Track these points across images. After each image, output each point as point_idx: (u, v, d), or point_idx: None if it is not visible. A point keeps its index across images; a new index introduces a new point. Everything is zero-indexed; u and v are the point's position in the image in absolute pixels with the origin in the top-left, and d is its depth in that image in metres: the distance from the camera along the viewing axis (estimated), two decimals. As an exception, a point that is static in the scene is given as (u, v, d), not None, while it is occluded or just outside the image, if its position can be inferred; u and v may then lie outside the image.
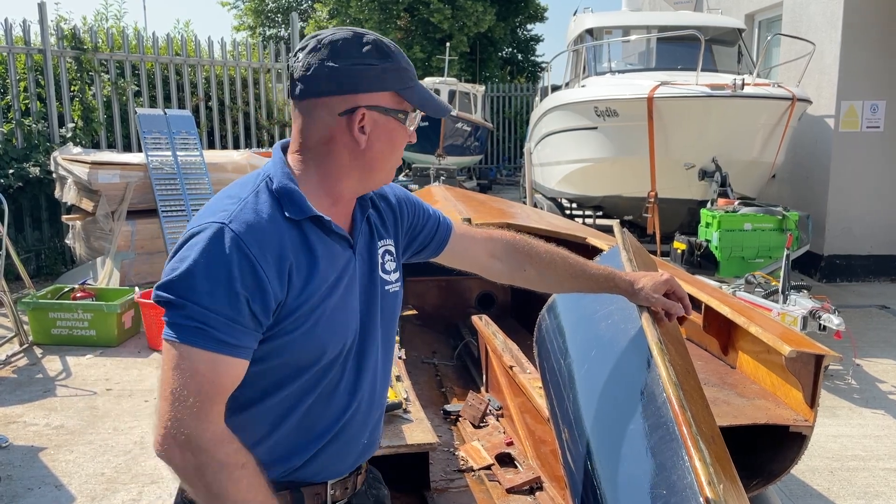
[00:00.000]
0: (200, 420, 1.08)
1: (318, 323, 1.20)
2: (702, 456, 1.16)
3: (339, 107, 1.22)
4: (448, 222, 1.58)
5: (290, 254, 1.17)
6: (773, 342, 2.24)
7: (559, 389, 1.86)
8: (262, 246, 1.14)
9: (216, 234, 1.12)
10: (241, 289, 1.11)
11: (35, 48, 7.75)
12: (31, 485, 3.35)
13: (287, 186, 1.22)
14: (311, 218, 1.22)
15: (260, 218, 1.17)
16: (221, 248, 1.11)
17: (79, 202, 6.53)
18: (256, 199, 1.20)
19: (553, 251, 1.61)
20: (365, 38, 1.23)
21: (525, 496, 2.47)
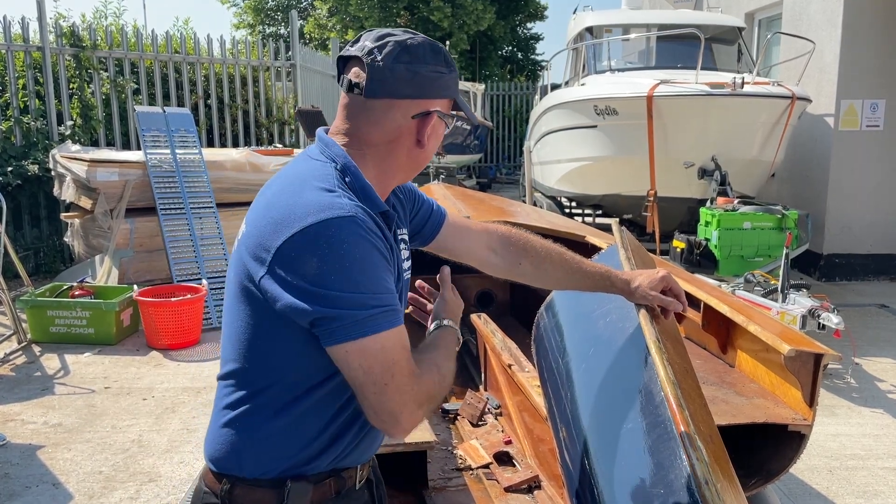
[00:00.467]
0: (418, 380, 1.19)
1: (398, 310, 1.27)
2: (699, 455, 1.15)
3: (415, 110, 1.28)
4: (441, 211, 1.60)
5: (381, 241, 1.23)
6: (772, 341, 2.23)
7: (557, 388, 1.86)
8: (379, 232, 1.21)
9: (353, 226, 1.15)
10: (391, 267, 1.21)
11: (34, 46, 7.73)
12: (29, 483, 3.35)
13: (363, 181, 1.26)
14: (381, 213, 1.27)
15: (357, 204, 1.21)
16: (365, 237, 1.16)
17: (77, 200, 6.52)
18: (345, 191, 1.23)
19: (549, 247, 1.62)
20: (438, 47, 1.30)
21: (523, 495, 2.46)
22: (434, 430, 2.47)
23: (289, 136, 10.44)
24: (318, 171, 1.25)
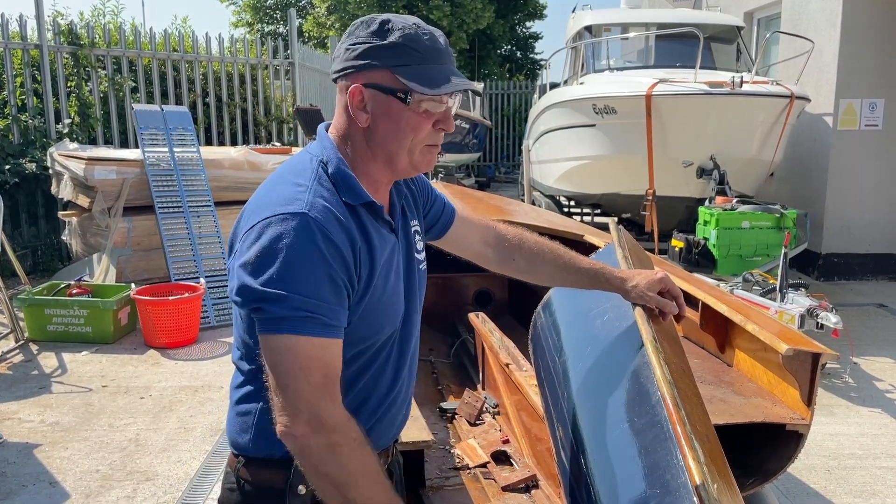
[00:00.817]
0: (329, 402, 1.14)
1: (378, 306, 1.26)
2: (696, 455, 1.15)
3: (344, 86, 1.26)
4: (451, 207, 1.61)
5: (357, 237, 1.21)
6: (771, 340, 2.23)
7: (554, 387, 1.85)
8: (340, 230, 1.18)
9: (301, 224, 1.15)
10: (335, 273, 1.15)
11: (31, 43, 7.71)
12: (26, 482, 3.34)
13: (343, 171, 1.25)
14: (365, 203, 1.25)
15: (329, 203, 1.20)
16: (311, 237, 1.14)
17: (75, 198, 6.51)
18: (320, 185, 1.22)
19: (543, 243, 1.63)
20: (376, 18, 1.25)
21: (521, 494, 2.46)
22: (432, 429, 2.46)
23: (287, 135, 10.43)
24: (299, 164, 1.28)
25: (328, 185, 1.23)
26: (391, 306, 1.31)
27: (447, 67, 1.25)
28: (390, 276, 1.30)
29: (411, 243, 1.40)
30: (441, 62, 1.25)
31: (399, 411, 1.42)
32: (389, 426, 1.40)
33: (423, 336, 4.72)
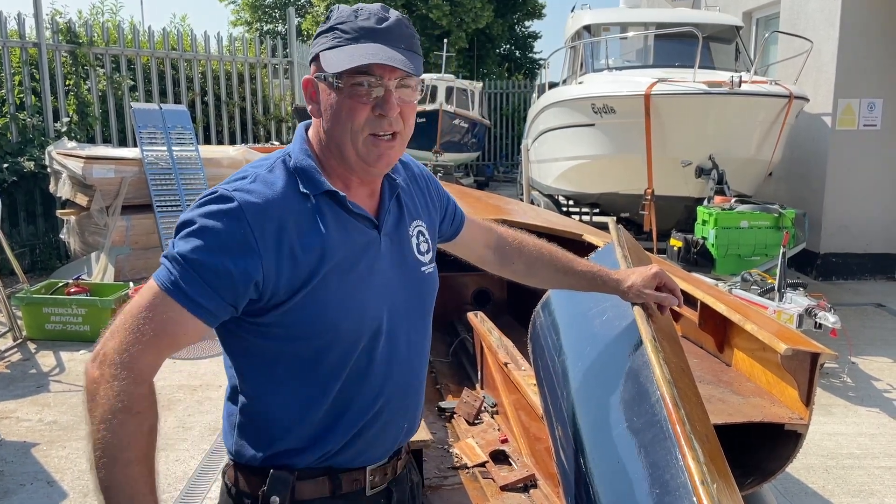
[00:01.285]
0: (142, 355, 1.09)
1: (330, 302, 1.19)
2: (695, 455, 1.15)
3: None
4: (461, 210, 1.59)
5: (296, 228, 1.17)
6: (769, 340, 2.23)
7: (553, 387, 1.85)
8: (261, 218, 1.14)
9: (218, 199, 1.14)
10: (228, 256, 1.11)
11: (30, 42, 7.70)
12: (24, 480, 3.33)
13: (303, 161, 1.23)
14: (327, 193, 1.21)
15: (267, 191, 1.17)
16: (220, 215, 1.12)
17: (73, 197, 6.50)
18: (270, 173, 1.21)
19: (542, 246, 1.62)
20: (333, 8, 1.24)
21: (519, 494, 2.46)
22: (430, 428, 2.46)
23: (286, 134, 10.43)
24: (265, 158, 1.28)
25: (283, 176, 1.21)
26: (353, 305, 1.21)
27: (378, 46, 1.17)
28: (353, 271, 1.22)
29: (406, 243, 1.34)
30: (376, 40, 1.18)
31: (396, 420, 1.33)
32: (378, 440, 1.31)
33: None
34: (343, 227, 1.22)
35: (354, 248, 1.23)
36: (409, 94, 1.22)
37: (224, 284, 1.12)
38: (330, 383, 1.23)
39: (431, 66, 17.82)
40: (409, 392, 1.35)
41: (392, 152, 1.23)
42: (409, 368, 1.34)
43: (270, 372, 1.23)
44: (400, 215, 1.34)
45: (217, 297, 1.12)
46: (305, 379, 1.22)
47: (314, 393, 1.23)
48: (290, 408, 1.23)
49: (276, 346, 1.21)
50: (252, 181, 1.18)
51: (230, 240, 1.12)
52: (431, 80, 15.16)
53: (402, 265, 1.32)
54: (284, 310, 1.17)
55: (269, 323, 1.18)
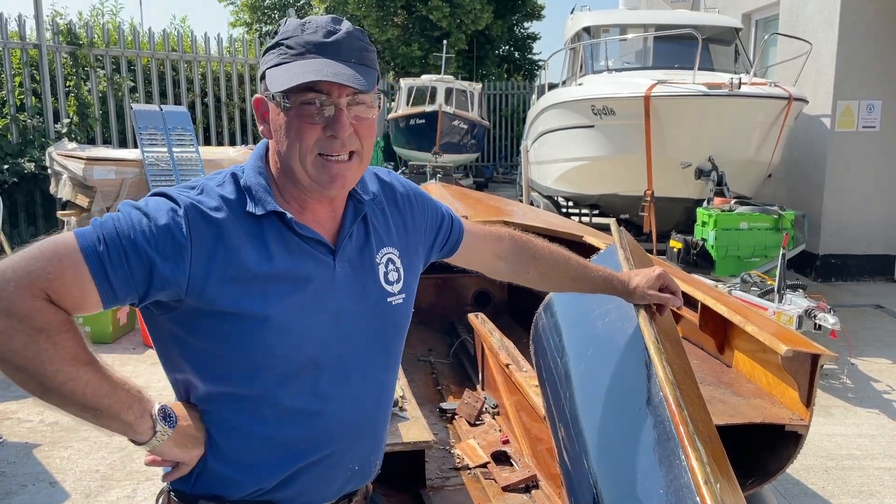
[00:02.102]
0: (30, 290, 0.99)
1: (266, 322, 1.12)
2: (698, 455, 1.16)
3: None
4: (460, 222, 1.51)
5: (234, 245, 1.11)
6: (770, 341, 2.24)
7: (555, 388, 1.86)
8: (201, 229, 1.10)
9: (167, 198, 1.11)
10: (156, 250, 1.06)
11: (30, 43, 7.71)
12: (26, 481, 3.34)
13: (253, 179, 1.17)
14: (275, 214, 1.15)
15: (212, 203, 1.13)
16: (165, 213, 1.09)
17: (74, 198, 6.51)
18: (220, 187, 1.16)
19: (556, 253, 1.59)
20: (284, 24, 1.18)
21: (521, 494, 2.47)
22: (432, 429, 2.47)
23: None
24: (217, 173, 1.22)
25: (233, 192, 1.15)
26: (292, 329, 1.14)
27: (324, 61, 1.11)
28: (296, 294, 1.15)
29: (370, 271, 1.25)
30: (323, 55, 1.12)
31: (344, 461, 1.24)
32: (329, 477, 1.24)
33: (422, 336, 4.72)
34: (288, 251, 1.16)
35: (300, 272, 1.16)
36: (364, 111, 1.15)
37: (141, 274, 1.06)
38: (263, 412, 1.16)
39: (431, 67, 17.84)
40: (362, 432, 1.26)
41: (348, 173, 1.16)
42: (362, 407, 1.24)
43: (204, 386, 1.17)
44: (365, 241, 1.26)
45: (127, 282, 1.05)
46: (238, 402, 1.16)
47: (246, 419, 1.16)
48: (222, 426, 1.17)
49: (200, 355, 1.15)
50: (200, 192, 1.14)
51: (167, 237, 1.07)
52: (431, 81, 15.17)
53: (363, 294, 1.23)
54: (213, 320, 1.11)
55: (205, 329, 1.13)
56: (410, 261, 1.35)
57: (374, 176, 1.36)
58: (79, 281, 1.02)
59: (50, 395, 1.02)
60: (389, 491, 2.42)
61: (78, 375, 1.02)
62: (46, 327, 1.00)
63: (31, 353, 0.99)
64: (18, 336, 0.98)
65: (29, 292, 0.98)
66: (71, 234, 1.04)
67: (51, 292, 1.00)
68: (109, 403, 1.06)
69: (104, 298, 1.05)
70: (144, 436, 1.10)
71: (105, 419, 1.07)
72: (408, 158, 15.01)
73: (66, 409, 1.05)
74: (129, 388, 1.09)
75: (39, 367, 1.00)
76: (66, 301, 1.02)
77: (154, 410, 1.12)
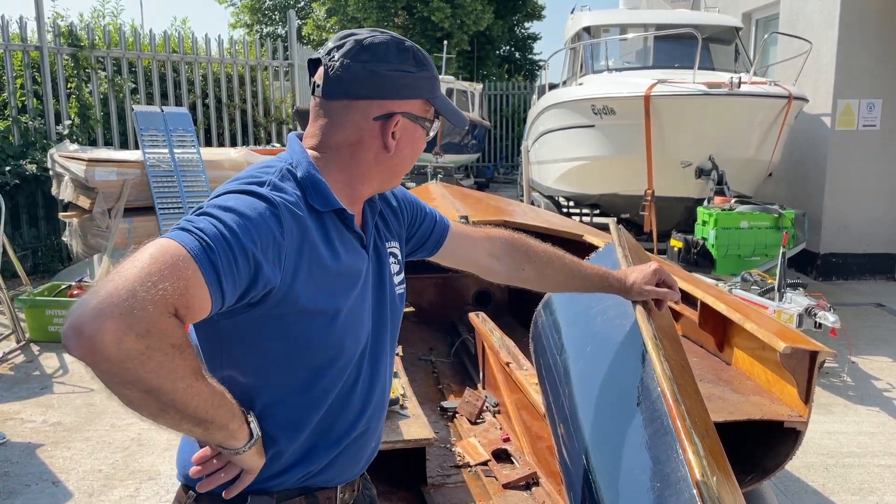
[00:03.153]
0: (166, 308, 0.94)
1: (337, 319, 1.18)
2: (696, 449, 1.17)
3: (375, 111, 1.22)
4: (445, 222, 1.56)
5: (314, 241, 1.14)
6: (768, 339, 2.25)
7: (555, 385, 1.87)
8: (292, 226, 1.10)
9: (258, 195, 1.10)
10: (259, 248, 1.04)
11: (32, 45, 7.73)
12: (29, 481, 3.35)
13: (314, 175, 1.19)
14: (336, 211, 1.20)
15: (290, 198, 1.13)
16: (262, 209, 1.07)
17: (76, 199, 6.52)
18: (282, 181, 1.16)
19: (551, 252, 1.61)
20: (405, 45, 1.23)
21: (521, 491, 2.48)
22: (433, 427, 2.48)
23: (286, 136, 10.45)
24: (263, 165, 1.21)
25: (293, 187, 1.17)
26: (355, 322, 1.23)
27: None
28: (355, 289, 1.22)
29: (384, 264, 1.34)
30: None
31: (367, 443, 1.33)
32: (355, 459, 1.31)
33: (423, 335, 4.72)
34: (346, 245, 1.22)
35: (356, 266, 1.23)
36: None
37: (247, 277, 1.04)
38: (322, 401, 1.21)
39: (431, 67, 17.81)
40: (382, 412, 1.36)
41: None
42: (383, 389, 1.34)
43: (272, 385, 1.18)
44: (379, 235, 1.35)
45: (235, 287, 1.03)
46: (304, 397, 1.20)
47: (305, 413, 1.20)
48: (283, 425, 1.19)
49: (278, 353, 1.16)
50: (274, 188, 1.13)
51: (269, 238, 1.06)
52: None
53: (381, 286, 1.32)
54: (287, 319, 1.13)
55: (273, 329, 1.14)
56: (403, 253, 1.45)
57: None
58: (199, 291, 0.99)
59: (168, 412, 0.99)
60: (391, 488, 2.43)
61: (200, 388, 1.00)
62: (180, 343, 0.97)
63: (166, 371, 0.95)
64: (156, 356, 0.94)
65: (164, 309, 0.94)
66: (173, 242, 0.99)
67: (180, 307, 0.97)
68: (221, 414, 1.05)
69: (214, 305, 1.02)
70: (241, 442, 1.11)
71: (214, 429, 1.06)
72: (408, 159, 15.01)
73: (176, 426, 1.02)
74: (228, 396, 1.08)
75: (171, 384, 0.96)
76: (191, 313, 0.99)
77: (249, 417, 1.13)
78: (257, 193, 1.10)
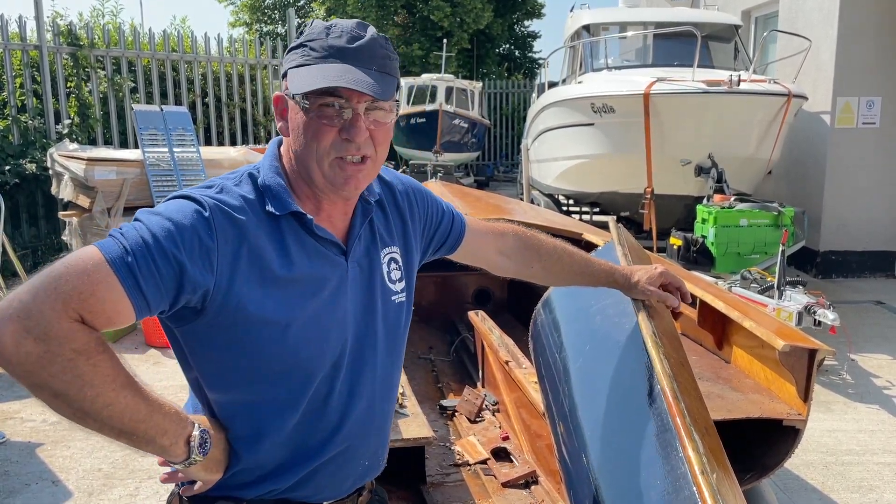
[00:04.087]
0: (65, 312, 0.95)
1: (289, 329, 1.13)
2: (695, 446, 1.17)
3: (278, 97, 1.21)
4: (461, 219, 1.51)
5: (257, 247, 1.11)
6: (767, 337, 2.25)
7: (554, 384, 1.87)
8: (227, 230, 1.09)
9: (192, 200, 1.10)
10: (186, 254, 1.04)
11: (31, 44, 7.73)
12: (29, 480, 3.36)
13: (272, 178, 1.17)
14: (294, 214, 1.16)
15: (234, 203, 1.12)
16: (191, 215, 1.07)
17: (75, 199, 6.52)
18: (237, 187, 1.16)
19: (559, 248, 1.59)
20: (313, 22, 1.19)
21: (520, 490, 2.48)
22: (432, 426, 2.48)
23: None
24: (235, 170, 1.22)
25: (251, 191, 1.15)
26: (314, 332, 1.16)
27: (346, 67, 1.12)
28: (316, 297, 1.16)
29: (376, 271, 1.27)
30: (345, 60, 1.12)
31: (352, 461, 1.27)
32: (339, 476, 1.26)
33: (422, 334, 4.72)
34: (307, 252, 1.17)
35: (318, 274, 1.17)
36: (382, 117, 1.17)
37: (172, 280, 1.03)
38: (286, 413, 1.17)
39: (431, 66, 17.85)
40: (370, 429, 1.29)
41: (361, 175, 1.17)
42: (372, 404, 1.27)
43: (225, 393, 1.17)
44: (372, 241, 1.29)
45: (158, 290, 1.02)
46: (262, 406, 1.17)
47: (269, 422, 1.17)
48: (242, 436, 1.18)
49: (225, 364, 1.14)
50: (219, 191, 1.13)
51: (194, 239, 1.05)
52: (431, 80, 15.18)
53: (371, 294, 1.26)
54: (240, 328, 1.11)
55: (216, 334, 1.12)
56: (409, 259, 1.37)
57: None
58: (111, 295, 0.99)
59: (87, 419, 0.99)
60: (390, 487, 2.43)
61: (117, 399, 0.99)
62: (85, 349, 0.96)
63: (70, 377, 0.95)
64: (57, 360, 0.94)
65: (64, 314, 0.94)
66: (93, 247, 1.01)
67: (84, 311, 0.96)
68: (146, 428, 1.04)
69: (137, 309, 1.02)
70: (177, 459, 1.10)
71: (141, 443, 1.05)
72: (408, 157, 15.02)
73: (103, 433, 1.02)
74: (165, 412, 1.06)
75: (79, 391, 0.96)
76: (99, 318, 0.99)
77: (193, 434, 1.10)
78: (192, 197, 1.10)
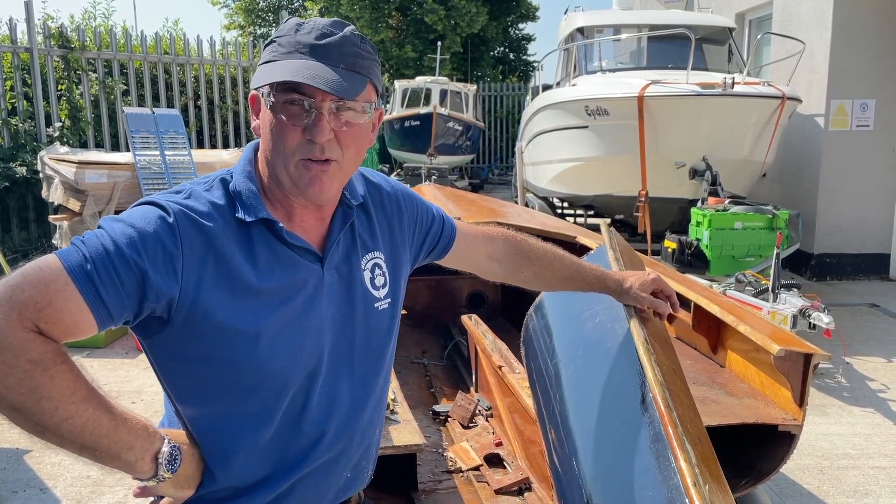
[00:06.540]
0: (20, 322, 0.93)
1: (259, 340, 1.10)
2: (687, 457, 1.14)
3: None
4: (451, 223, 1.49)
5: (225, 254, 1.08)
6: (762, 341, 2.23)
7: (546, 389, 1.85)
8: (192, 237, 1.06)
9: (156, 206, 1.07)
10: (150, 262, 1.01)
11: (22, 47, 7.69)
12: (16, 487, 3.31)
13: (243, 183, 1.14)
14: (264, 221, 1.12)
15: (202, 208, 1.09)
16: (155, 221, 1.04)
17: (66, 202, 6.47)
18: (208, 192, 1.13)
19: (550, 253, 1.58)
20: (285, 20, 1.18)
21: (513, 497, 2.45)
22: (424, 432, 2.45)
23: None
24: (209, 174, 1.19)
25: (221, 197, 1.12)
26: (285, 342, 1.12)
27: (308, 63, 1.07)
28: (287, 307, 1.13)
29: (356, 278, 1.23)
30: (310, 57, 1.08)
31: (334, 473, 1.24)
32: (321, 489, 1.23)
33: (415, 338, 4.69)
34: (279, 259, 1.13)
35: (290, 282, 1.14)
36: (353, 117, 1.11)
37: (134, 288, 1.01)
38: (259, 427, 1.14)
39: (425, 68, 17.84)
40: (351, 441, 1.24)
41: (325, 177, 1.11)
42: (352, 414, 1.23)
43: (195, 406, 1.14)
44: (352, 246, 1.24)
45: (120, 299, 1.00)
46: (233, 419, 1.13)
47: (242, 438, 1.14)
48: (215, 451, 1.14)
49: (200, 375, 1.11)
50: (187, 197, 1.10)
51: (157, 246, 1.03)
52: (426, 82, 15.18)
53: (351, 301, 1.22)
54: (204, 339, 1.08)
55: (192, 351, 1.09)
56: (396, 264, 1.33)
57: (360, 177, 1.33)
58: (69, 305, 0.96)
59: (46, 433, 0.96)
60: (381, 494, 2.40)
61: (77, 413, 0.96)
62: (42, 359, 0.93)
63: (27, 389, 0.92)
64: (13, 372, 0.91)
65: (19, 324, 0.92)
66: (53, 256, 0.99)
67: (41, 322, 0.94)
68: (108, 444, 1.00)
69: (99, 320, 0.99)
70: (144, 476, 1.06)
71: (104, 459, 1.01)
72: (402, 160, 15.01)
73: (64, 448, 0.98)
74: (130, 426, 1.02)
75: (36, 404, 0.93)
76: (57, 329, 0.96)
77: (161, 450, 1.06)
78: (157, 203, 1.08)
